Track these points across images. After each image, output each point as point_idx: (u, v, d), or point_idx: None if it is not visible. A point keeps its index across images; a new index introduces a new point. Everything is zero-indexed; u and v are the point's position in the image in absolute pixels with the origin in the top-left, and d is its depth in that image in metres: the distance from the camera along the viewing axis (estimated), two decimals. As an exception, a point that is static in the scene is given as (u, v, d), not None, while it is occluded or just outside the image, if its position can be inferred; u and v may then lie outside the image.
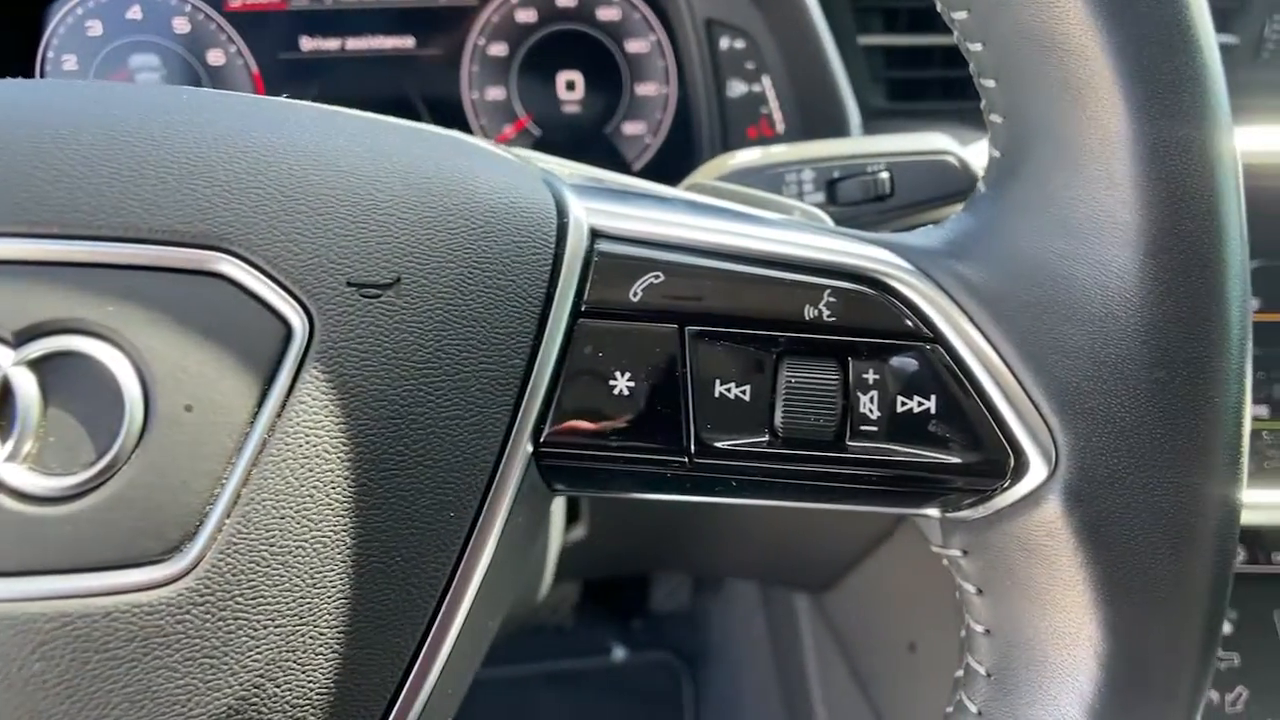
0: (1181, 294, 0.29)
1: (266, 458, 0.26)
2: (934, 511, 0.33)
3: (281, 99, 0.33)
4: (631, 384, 0.31)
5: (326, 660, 0.27)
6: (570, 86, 0.83)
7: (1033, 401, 0.30)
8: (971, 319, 0.31)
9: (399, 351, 0.28)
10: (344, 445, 0.27)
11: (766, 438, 0.31)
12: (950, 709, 0.35)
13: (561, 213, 0.32)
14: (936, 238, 0.33)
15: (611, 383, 0.31)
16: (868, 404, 0.31)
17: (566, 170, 0.36)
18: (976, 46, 0.32)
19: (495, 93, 0.82)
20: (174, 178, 0.27)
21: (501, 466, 0.30)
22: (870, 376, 0.31)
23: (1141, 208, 0.29)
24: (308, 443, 0.27)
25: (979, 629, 0.33)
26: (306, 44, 0.80)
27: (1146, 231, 0.29)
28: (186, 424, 0.26)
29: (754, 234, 0.32)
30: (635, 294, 0.31)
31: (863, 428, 0.31)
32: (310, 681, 0.27)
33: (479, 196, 0.30)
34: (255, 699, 0.26)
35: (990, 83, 0.32)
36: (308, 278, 0.27)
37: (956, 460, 0.31)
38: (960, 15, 0.32)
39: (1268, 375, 0.72)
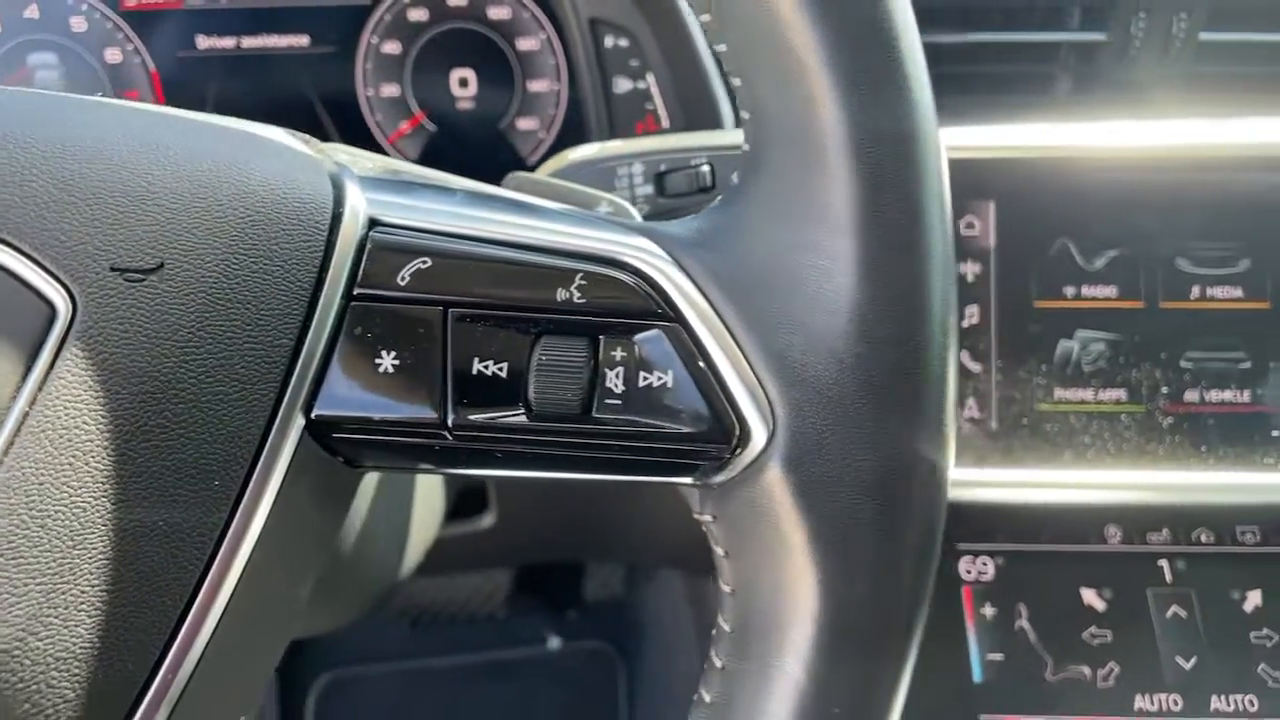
0: (882, 275, 0.32)
1: (27, 429, 0.28)
2: (688, 480, 0.36)
3: (70, 96, 0.35)
4: (396, 362, 0.33)
5: (89, 616, 0.29)
6: (464, 84, 0.85)
7: (756, 375, 0.33)
8: (709, 300, 0.34)
9: (161, 331, 0.30)
10: (104, 417, 0.29)
11: (521, 411, 0.34)
12: (706, 666, 0.37)
13: (338, 203, 0.34)
14: (690, 226, 0.36)
15: (378, 361, 0.33)
16: (613, 379, 0.33)
17: (369, 164, 0.38)
18: (721, 47, 0.34)
19: (390, 89, 0.84)
20: None
21: (271, 438, 0.32)
22: (618, 354, 0.34)
23: (848, 196, 0.32)
24: (68, 415, 0.29)
25: (726, 589, 0.36)
26: (202, 43, 0.82)
27: (854, 218, 0.32)
28: None
29: (518, 222, 0.35)
30: (403, 278, 0.33)
31: (607, 401, 0.34)
32: (74, 636, 0.29)
33: (251, 187, 0.33)
34: (19, 651, 0.28)
35: (737, 81, 0.34)
36: (72, 262, 0.29)
37: (690, 430, 0.34)
38: (705, 18, 0.34)
39: (1126, 360, 0.75)
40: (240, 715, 0.37)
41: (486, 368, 0.33)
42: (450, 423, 0.34)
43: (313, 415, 0.33)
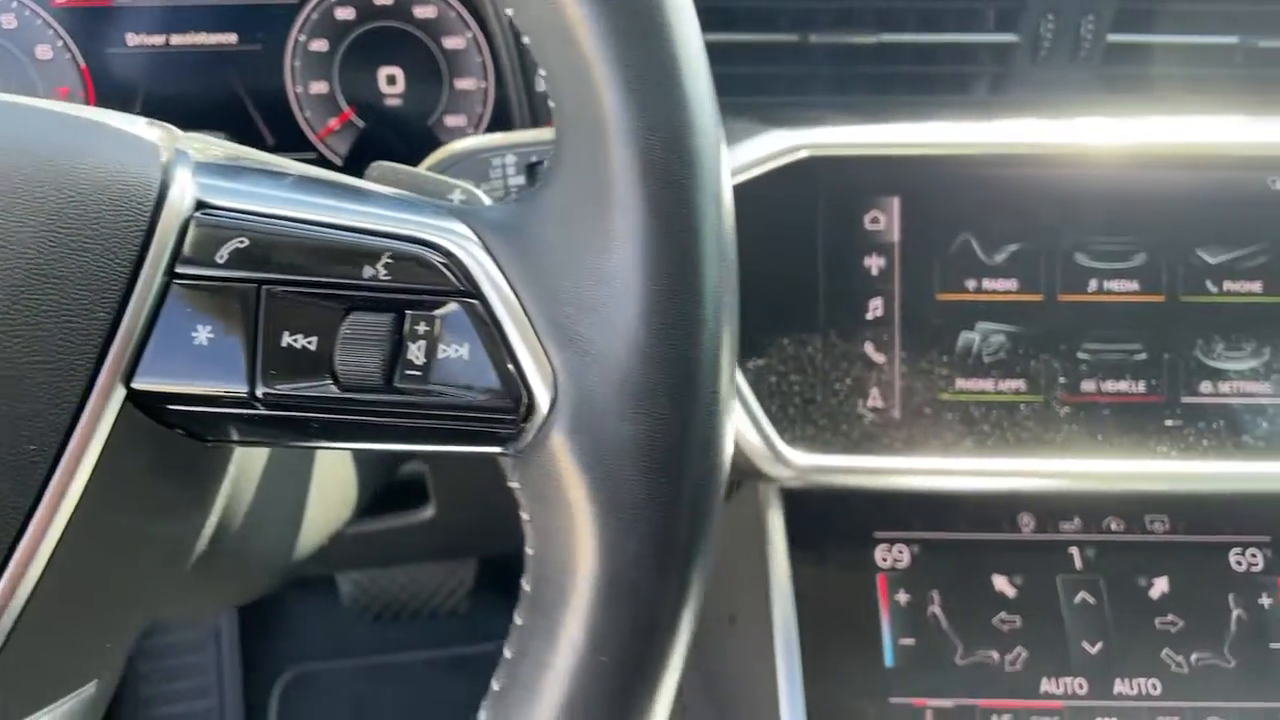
0: (654, 256, 0.34)
1: None
2: (498, 450, 0.38)
3: None
4: (212, 335, 0.35)
5: None
6: (391, 81, 0.87)
7: (543, 347, 0.35)
8: (507, 278, 0.36)
9: None
10: None
11: (329, 382, 0.36)
12: (511, 625, 0.39)
13: (165, 185, 0.36)
14: (503, 211, 0.38)
15: (194, 334, 0.35)
16: (415, 351, 0.36)
17: (217, 151, 0.40)
18: (527, 40, 0.37)
19: (318, 87, 0.86)
20: None
21: (89, 408, 0.34)
22: (421, 328, 0.36)
23: (625, 182, 0.34)
24: None
25: (530, 552, 0.38)
26: (132, 40, 0.84)
27: (629, 203, 0.34)
28: None
29: (337, 205, 0.37)
30: (222, 257, 0.36)
31: (408, 372, 0.36)
32: None
33: (76, 172, 0.35)
34: None
35: (544, 71, 0.37)
36: None
37: (483, 399, 0.36)
38: (509, 12, 0.37)
39: (1025, 351, 0.77)
40: (84, 680, 0.39)
41: (296, 341, 0.36)
42: (260, 394, 0.36)
43: (133, 386, 0.35)
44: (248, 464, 0.52)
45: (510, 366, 0.36)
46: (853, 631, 0.82)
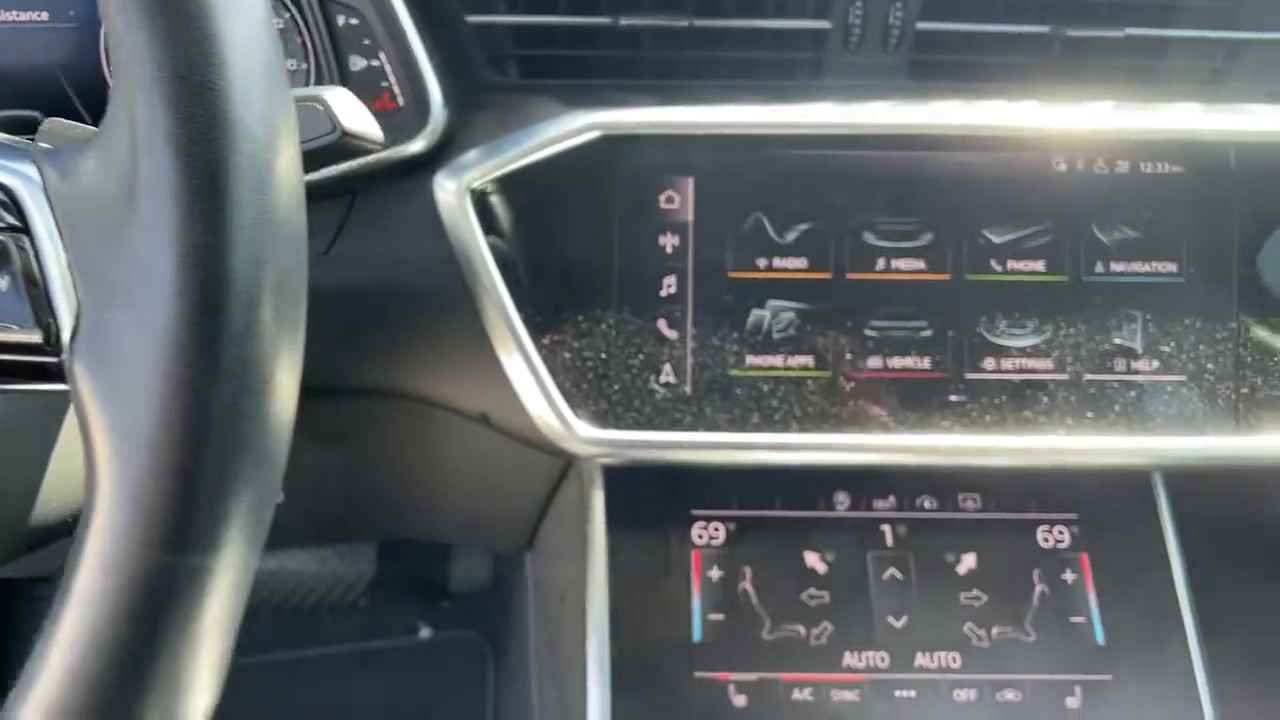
0: (175, 189, 0.34)
1: None
2: (61, 386, 0.38)
3: None
4: None
5: None
6: (208, 61, 0.87)
7: (75, 283, 0.36)
8: (55, 218, 0.37)
9: None
10: None
11: None
12: None
13: None
14: (72, 153, 0.39)
15: None
16: None
17: None
18: None
19: (134, 66, 0.86)
20: None
21: None
22: None
23: (147, 117, 0.35)
24: None
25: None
26: (-59, 16, 0.84)
27: (151, 139, 0.34)
28: None
29: None
30: None
31: None
32: None
33: None
34: None
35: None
36: None
37: (18, 331, 0.37)
38: None
39: (813, 328, 0.78)
40: None
41: None
42: None
43: None
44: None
45: (43, 300, 0.37)
46: (665, 607, 0.83)
